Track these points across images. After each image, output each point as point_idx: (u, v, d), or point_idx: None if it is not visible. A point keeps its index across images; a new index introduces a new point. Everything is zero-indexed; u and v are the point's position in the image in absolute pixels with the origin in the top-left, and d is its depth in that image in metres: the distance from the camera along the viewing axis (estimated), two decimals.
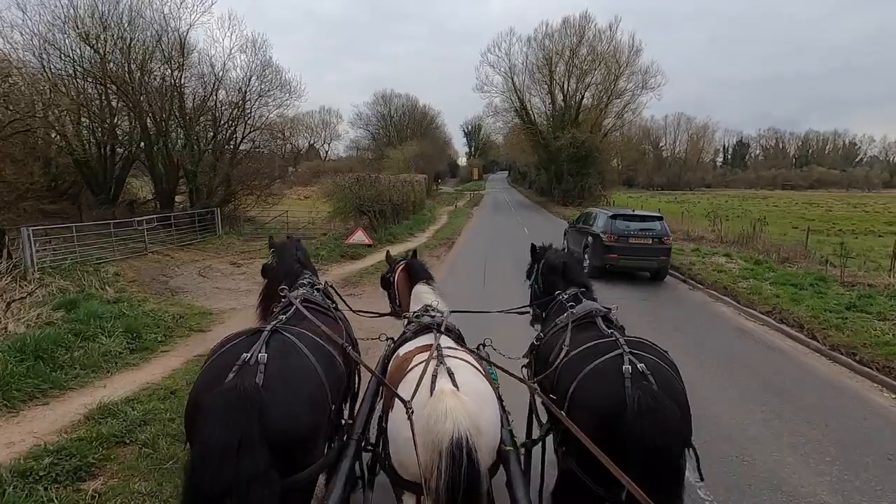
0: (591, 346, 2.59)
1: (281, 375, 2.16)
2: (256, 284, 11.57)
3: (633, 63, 39.00)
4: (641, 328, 7.64)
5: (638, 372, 2.27)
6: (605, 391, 2.29)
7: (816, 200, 64.12)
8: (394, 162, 45.80)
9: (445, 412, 1.98)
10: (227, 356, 2.23)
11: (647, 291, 11.08)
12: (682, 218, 26.70)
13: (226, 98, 21.65)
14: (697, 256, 14.10)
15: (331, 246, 15.54)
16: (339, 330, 2.98)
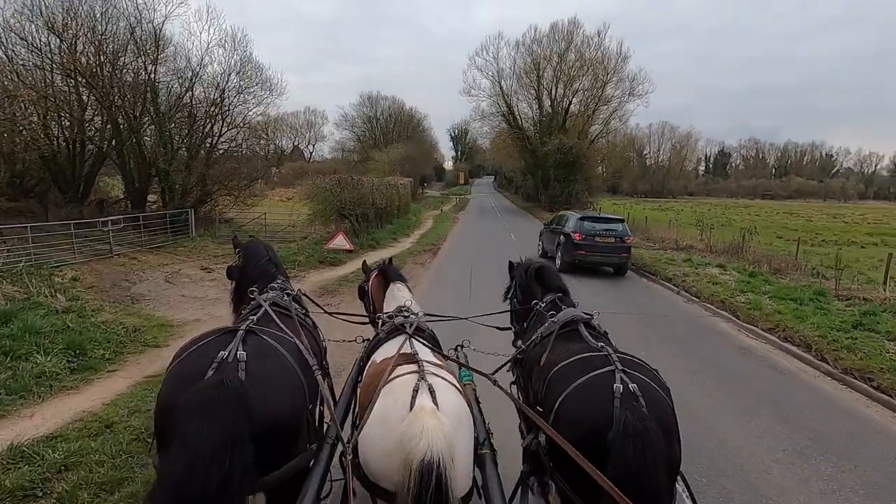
0: (582, 358, 2.47)
1: (263, 373, 2.10)
2: (226, 292, 10.74)
3: (621, 70, 39.00)
4: (637, 343, 7.10)
5: (629, 392, 2.17)
6: (593, 408, 2.20)
7: (796, 210, 65.25)
8: (379, 164, 45.04)
9: (422, 431, 1.93)
10: (200, 355, 2.12)
11: (642, 305, 10.55)
12: (669, 226, 26.52)
13: (203, 94, 20.71)
14: (690, 267, 13.67)
15: (309, 251, 14.75)
16: (310, 337, 2.85)
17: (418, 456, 1.89)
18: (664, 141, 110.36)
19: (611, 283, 12.60)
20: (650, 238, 23.04)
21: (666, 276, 12.57)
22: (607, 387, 2.21)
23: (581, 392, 2.30)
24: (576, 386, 2.32)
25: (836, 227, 40.31)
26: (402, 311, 3.24)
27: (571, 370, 2.44)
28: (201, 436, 1.70)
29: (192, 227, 19.13)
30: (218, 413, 1.75)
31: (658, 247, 18.88)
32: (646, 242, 20.77)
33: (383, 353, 2.80)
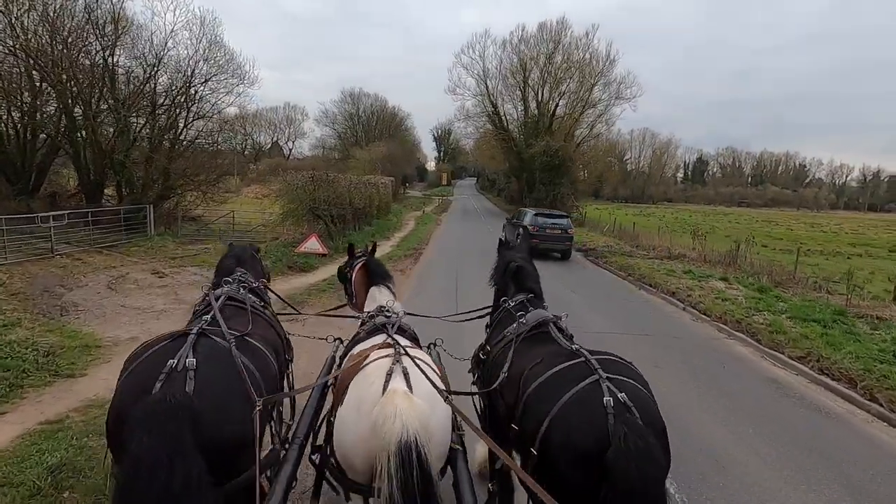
0: (561, 370, 2.31)
1: (212, 381, 2.06)
2: (177, 302, 9.20)
3: (609, 72, 38.29)
4: (650, 373, 5.99)
5: (620, 404, 2.05)
6: (586, 428, 2.04)
7: (773, 219, 65.95)
8: (360, 163, 43.59)
9: (395, 413, 1.91)
10: (151, 363, 2.09)
11: (646, 323, 9.50)
12: (659, 233, 25.74)
13: (167, 81, 19.04)
14: (692, 279, 12.72)
15: (277, 254, 13.33)
16: (268, 329, 2.87)
17: (395, 438, 1.85)
18: (645, 147, 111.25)
19: (609, 298, 11.55)
20: (640, 245, 22.20)
21: (668, 290, 11.57)
22: (597, 401, 2.08)
23: (569, 412, 2.13)
24: (562, 405, 2.15)
25: (817, 237, 40.40)
26: (383, 310, 3.19)
27: (552, 386, 2.28)
28: (144, 450, 1.70)
29: (151, 225, 17.47)
30: (161, 429, 1.74)
31: (651, 255, 17.97)
32: (638, 250, 19.88)
33: (361, 346, 2.75)
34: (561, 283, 13.08)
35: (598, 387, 2.13)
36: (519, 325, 2.88)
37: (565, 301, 10.81)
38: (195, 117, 19.19)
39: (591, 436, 2.00)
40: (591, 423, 2.03)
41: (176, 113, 19.22)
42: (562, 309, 3.26)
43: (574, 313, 3.24)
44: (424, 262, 14.94)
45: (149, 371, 2.03)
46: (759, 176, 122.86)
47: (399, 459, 1.83)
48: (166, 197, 19.62)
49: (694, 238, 19.11)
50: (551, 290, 4.07)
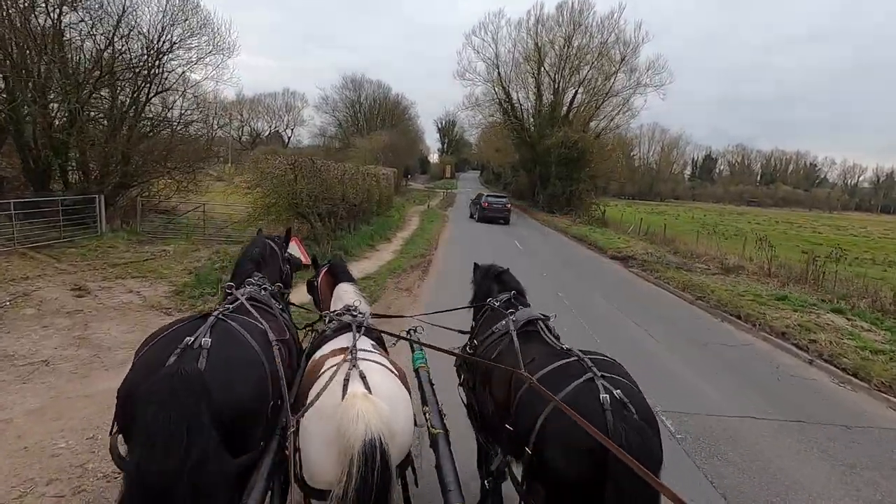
0: (555, 368, 2.32)
1: (224, 361, 2.07)
2: (78, 345, 6.20)
3: (633, 58, 34.89)
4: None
5: (617, 401, 2.05)
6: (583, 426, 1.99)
7: (791, 219, 62.75)
8: (360, 152, 40.41)
9: (357, 415, 1.90)
10: (169, 339, 2.12)
11: (772, 390, 6.47)
12: (697, 238, 22.56)
13: (127, 46, 15.82)
14: (794, 310, 9.59)
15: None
16: (282, 330, 2.81)
17: (359, 440, 1.84)
18: (654, 143, 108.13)
19: (694, 340, 8.48)
20: (679, 251, 19.08)
21: (772, 328, 8.50)
22: (593, 399, 2.07)
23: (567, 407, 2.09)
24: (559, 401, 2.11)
25: (854, 242, 37.23)
26: (349, 309, 3.13)
27: (547, 384, 2.23)
28: (158, 424, 1.68)
29: (101, 220, 14.36)
30: (174, 401, 1.72)
31: (704, 269, 14.87)
32: (685, 260, 16.75)
33: (322, 350, 2.72)
34: (618, 307, 10.03)
35: (594, 384, 2.13)
36: (507, 322, 2.85)
37: (639, 343, 7.79)
38: (159, 90, 15.96)
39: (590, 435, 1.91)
40: (590, 420, 1.96)
41: (139, 86, 16.05)
42: (641, 357, 3.58)
43: (660, 368, 3.35)
44: (436, 276, 11.85)
45: (165, 348, 2.03)
46: (768, 175, 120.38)
47: (363, 459, 1.82)
48: (127, 186, 16.51)
49: (759, 246, 15.99)
50: (612, 319, 4.89)
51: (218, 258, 11.80)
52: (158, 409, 1.69)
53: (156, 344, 2.13)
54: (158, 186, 18.39)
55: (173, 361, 1.94)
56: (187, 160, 17.85)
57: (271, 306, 2.95)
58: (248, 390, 2.09)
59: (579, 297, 10.85)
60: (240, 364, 2.14)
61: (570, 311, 9.42)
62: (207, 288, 8.79)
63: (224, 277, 9.21)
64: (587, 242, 20.78)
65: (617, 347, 7.44)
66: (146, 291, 9.04)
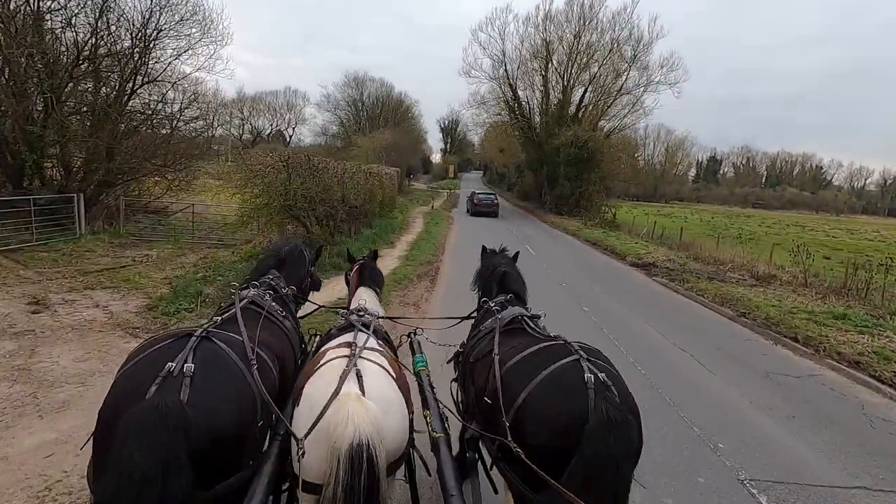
0: (542, 348, 2.37)
1: (207, 388, 1.93)
2: (17, 378, 5.07)
3: (645, 55, 33.62)
4: None
5: (600, 382, 2.07)
6: (567, 401, 2.06)
7: (800, 222, 61.48)
8: (362, 151, 39.23)
9: (347, 417, 1.88)
10: (149, 363, 1.98)
11: (871, 436, 5.29)
12: (717, 243, 21.33)
13: (112, 35, 14.66)
14: (858, 331, 8.35)
15: (230, 274, 9.09)
16: (281, 339, 2.79)
17: (346, 442, 1.83)
18: (658, 144, 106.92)
19: (756, 372, 7.28)
20: (701, 258, 17.82)
21: (843, 355, 7.29)
22: (578, 377, 2.09)
23: (550, 385, 2.14)
24: (542, 378, 2.17)
25: (879, 248, 35.88)
26: (359, 310, 3.11)
27: (531, 362, 2.30)
28: (134, 462, 1.61)
29: (80, 221, 13.21)
30: (152, 439, 1.64)
31: (736, 279, 13.67)
32: (708, 268, 15.52)
33: (328, 345, 2.67)
34: (653, 324, 8.85)
35: (579, 365, 2.15)
36: (494, 320, 2.90)
37: (691, 373, 6.62)
38: (145, 80, 14.80)
39: (571, 410, 1.99)
40: (572, 396, 2.03)
41: (124, 76, 14.88)
42: (702, 394, 3.72)
43: (728, 411, 3.38)
44: (445, 286, 10.66)
45: (145, 374, 1.92)
46: (774, 177, 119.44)
47: (349, 463, 1.80)
48: (112, 184, 15.35)
49: (794, 255, 14.76)
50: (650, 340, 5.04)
51: (203, 266, 10.63)
52: (135, 448, 1.61)
53: (137, 366, 2.01)
54: (148, 185, 17.29)
55: (154, 392, 1.83)
56: (179, 157, 16.71)
57: (273, 312, 2.87)
58: (231, 419, 1.97)
59: (606, 312, 9.67)
60: (224, 391, 2.01)
61: (601, 331, 8.25)
62: (185, 302, 7.61)
63: (206, 290, 8.05)
64: (603, 247, 19.56)
65: (667, 379, 6.25)
66: (115, 306, 7.86)
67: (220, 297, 7.95)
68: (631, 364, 6.64)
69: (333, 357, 2.33)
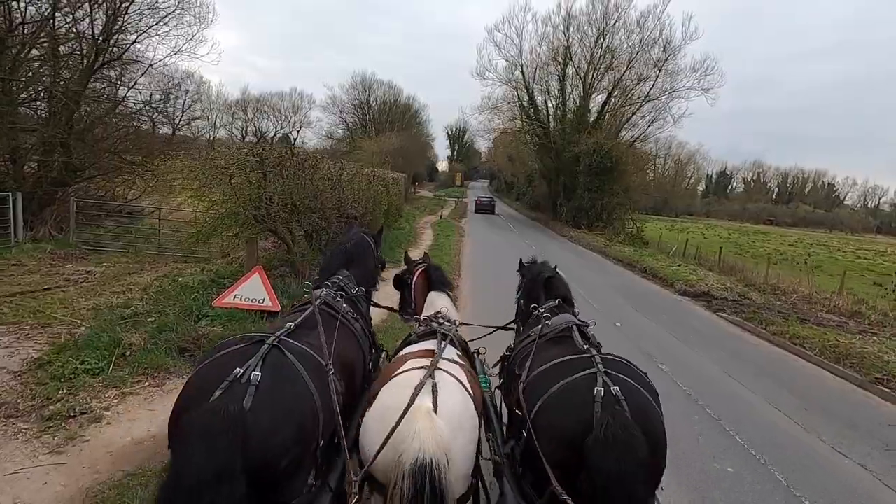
0: (563, 361, 2.37)
1: (272, 399, 1.88)
2: None
3: (678, 56, 31.13)
4: None
5: (610, 395, 2.02)
6: (572, 414, 2.05)
7: (829, 242, 58.64)
8: (367, 155, 36.86)
9: (415, 432, 1.84)
10: (219, 367, 1.96)
11: None
12: (768, 268, 18.59)
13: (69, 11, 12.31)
14: None
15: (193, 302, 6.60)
16: (353, 345, 2.73)
17: (410, 458, 1.79)
18: (669, 156, 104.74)
19: None
20: (755, 284, 15.17)
21: None
22: (587, 390, 2.07)
23: (559, 396, 2.16)
24: (554, 390, 2.18)
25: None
26: (437, 316, 3.09)
27: (551, 374, 2.31)
28: (191, 464, 1.60)
29: (17, 225, 10.76)
30: (208, 445, 1.62)
31: (825, 317, 11.08)
32: (773, 300, 12.92)
33: (408, 350, 2.68)
34: (760, 391, 6.35)
35: (594, 378, 2.12)
36: (543, 326, 2.85)
37: (860, 486, 4.13)
38: (107, 59, 12.41)
39: (574, 422, 1.99)
40: (577, 409, 2.02)
41: (84, 53, 12.51)
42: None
43: None
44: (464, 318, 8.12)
45: (215, 376, 1.90)
46: (785, 193, 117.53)
47: (412, 482, 1.75)
48: (67, 182, 12.93)
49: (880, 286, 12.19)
50: (774, 423, 4.39)
51: (156, 290, 8.13)
52: (192, 451, 1.61)
53: (206, 369, 1.99)
54: (122, 186, 14.89)
55: (218, 396, 1.79)
56: (154, 153, 14.35)
57: (346, 316, 2.81)
58: (292, 434, 1.90)
59: (687, 368, 7.19)
60: (288, 404, 1.94)
61: (693, 402, 5.79)
62: (91, 358, 5.09)
63: (129, 339, 5.54)
64: (640, 269, 16.98)
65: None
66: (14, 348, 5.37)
67: (148, 348, 5.43)
68: (757, 460, 4.16)
69: (412, 367, 2.26)
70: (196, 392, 1.89)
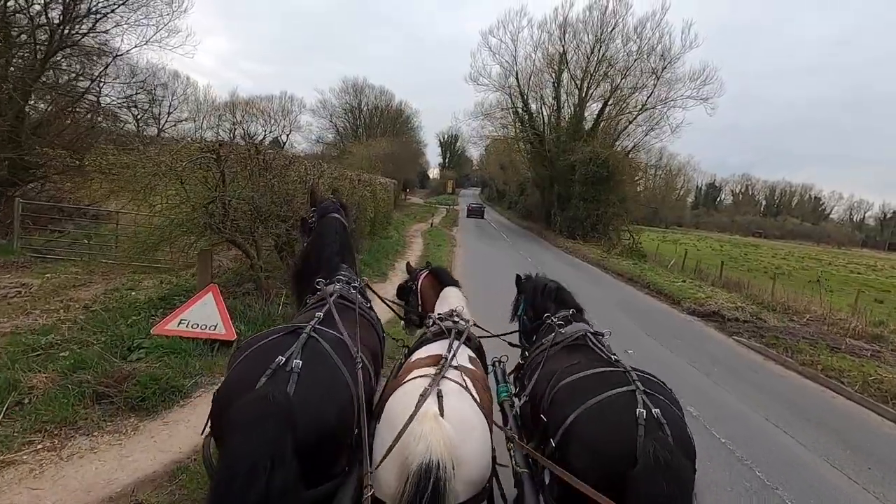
0: (597, 373, 2.22)
1: (314, 385, 1.96)
2: None
3: (676, 65, 30.52)
4: None
5: (653, 419, 1.89)
6: (614, 435, 1.91)
7: (819, 256, 58.50)
8: (357, 160, 35.71)
9: (421, 434, 1.80)
10: (260, 356, 2.01)
11: None
12: (773, 284, 17.70)
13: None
14: None
15: (134, 325, 5.43)
16: (371, 334, 2.78)
17: (416, 459, 1.75)
18: (660, 167, 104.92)
19: None
20: (765, 303, 14.22)
21: None
22: (629, 410, 1.93)
23: (598, 413, 2.01)
24: (591, 405, 2.03)
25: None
26: (452, 315, 3.00)
27: (584, 383, 2.18)
28: (243, 451, 1.63)
29: None
30: (261, 429, 1.66)
31: (853, 345, 10.12)
32: (789, 323, 12.00)
33: (420, 353, 2.62)
34: (813, 445, 5.31)
35: (634, 397, 1.99)
36: (557, 334, 2.79)
37: None
38: (61, 46, 11.19)
39: (617, 446, 1.86)
40: (619, 431, 1.89)
41: (35, 40, 11.27)
42: None
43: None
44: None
45: (256, 365, 1.94)
46: (773, 206, 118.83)
47: (416, 482, 1.72)
48: (13, 183, 11.62)
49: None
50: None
51: (102, 305, 6.91)
52: (245, 437, 1.64)
53: (248, 359, 2.03)
54: (76, 184, 13.58)
55: (264, 383, 1.84)
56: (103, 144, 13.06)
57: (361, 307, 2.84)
58: (334, 418, 1.98)
59: (718, 410, 6.16)
60: (328, 390, 2.02)
61: (737, 460, 4.73)
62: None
63: (28, 378, 4.34)
64: (642, 284, 15.99)
65: None
66: None
67: (53, 394, 4.22)
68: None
69: (419, 375, 2.22)
70: (240, 380, 1.91)
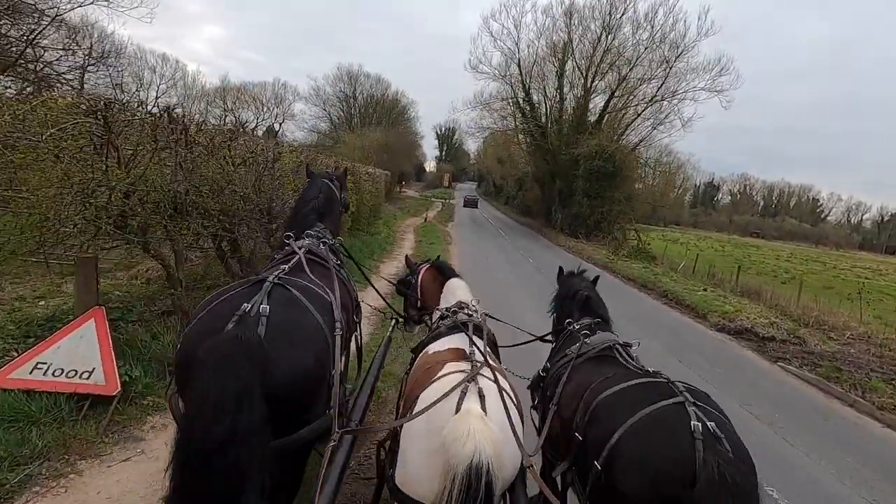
0: (640, 384, 2.08)
1: (284, 329, 1.96)
2: None
3: (690, 54, 28.67)
4: None
5: (710, 433, 1.76)
6: (669, 451, 1.77)
7: (822, 258, 57.18)
8: (348, 149, 33.89)
9: (468, 434, 1.70)
10: (224, 305, 1.99)
11: None
12: (799, 293, 16.08)
13: None
14: None
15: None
16: (344, 291, 2.66)
17: (464, 460, 1.66)
18: (659, 165, 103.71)
19: None
20: (792, 315, 12.62)
21: None
22: (683, 424, 1.80)
23: (649, 427, 1.86)
24: (640, 418, 1.88)
25: None
26: (463, 307, 2.91)
27: (627, 396, 2.03)
28: (211, 390, 1.61)
29: None
30: (230, 368, 1.65)
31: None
32: (828, 339, 10.41)
33: (437, 346, 2.55)
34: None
35: (684, 409, 1.86)
36: (582, 345, 2.69)
37: None
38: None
39: (675, 462, 1.73)
40: (675, 445, 1.76)
41: None
42: None
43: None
44: None
45: (222, 314, 1.92)
46: (771, 207, 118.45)
47: (466, 483, 1.63)
48: None
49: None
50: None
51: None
52: (212, 374, 1.63)
53: (212, 310, 1.99)
54: None
55: (231, 328, 1.81)
56: None
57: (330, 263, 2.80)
58: (308, 361, 1.97)
59: (793, 479, 4.52)
60: (300, 333, 2.01)
61: None
62: None
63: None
64: (659, 292, 14.31)
65: None
66: None
67: None
68: None
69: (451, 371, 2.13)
70: (207, 328, 1.86)
